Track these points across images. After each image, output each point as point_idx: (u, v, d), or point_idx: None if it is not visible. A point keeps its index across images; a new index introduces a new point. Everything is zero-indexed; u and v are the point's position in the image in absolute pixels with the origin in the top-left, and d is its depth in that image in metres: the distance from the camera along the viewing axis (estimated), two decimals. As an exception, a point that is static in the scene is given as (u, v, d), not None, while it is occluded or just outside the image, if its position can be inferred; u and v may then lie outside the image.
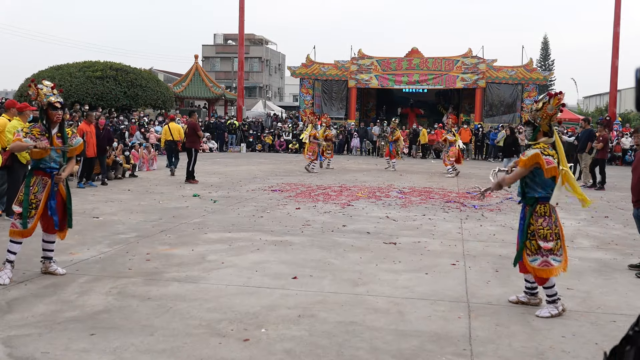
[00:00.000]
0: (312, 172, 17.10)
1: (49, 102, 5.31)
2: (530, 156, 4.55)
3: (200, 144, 14.46)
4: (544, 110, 4.61)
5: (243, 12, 32.91)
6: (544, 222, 4.58)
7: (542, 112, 4.61)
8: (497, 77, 30.41)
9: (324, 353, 3.77)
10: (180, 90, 34.49)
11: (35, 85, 5.36)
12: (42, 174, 5.32)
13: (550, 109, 4.59)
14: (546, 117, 4.61)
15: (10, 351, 3.69)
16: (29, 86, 5.45)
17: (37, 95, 5.32)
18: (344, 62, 31.87)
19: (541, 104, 4.64)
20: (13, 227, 5.25)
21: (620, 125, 29.88)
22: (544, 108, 4.61)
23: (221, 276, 5.54)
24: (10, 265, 5.22)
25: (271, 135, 29.61)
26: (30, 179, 5.29)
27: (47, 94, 5.34)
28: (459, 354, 3.82)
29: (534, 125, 4.67)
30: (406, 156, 25.81)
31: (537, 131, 4.66)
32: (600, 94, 58.12)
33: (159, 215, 8.97)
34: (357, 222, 8.68)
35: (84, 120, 13.14)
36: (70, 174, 6.24)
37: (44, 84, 5.41)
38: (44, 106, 5.32)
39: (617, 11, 29.70)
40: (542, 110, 4.61)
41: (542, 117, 4.62)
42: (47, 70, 28.13)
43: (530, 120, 4.70)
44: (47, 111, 5.33)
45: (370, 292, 5.15)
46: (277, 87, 66.08)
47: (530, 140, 4.71)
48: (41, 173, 5.32)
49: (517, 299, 4.88)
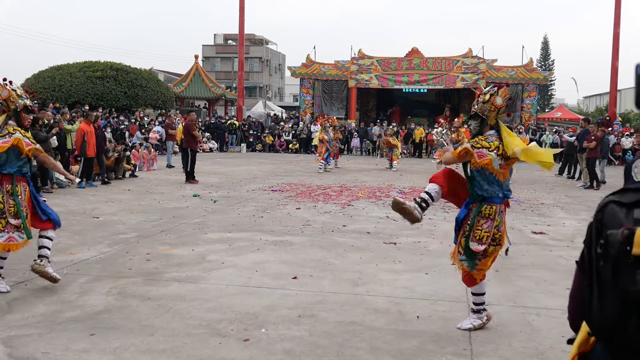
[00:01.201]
0: (326, 170, 17.50)
1: (24, 104, 5.14)
2: (459, 151, 4.21)
3: (197, 144, 14.40)
4: (492, 102, 4.26)
5: (243, 12, 32.91)
6: (484, 224, 4.18)
7: (489, 104, 4.26)
8: (497, 77, 30.37)
9: (324, 353, 3.77)
10: (181, 90, 34.49)
11: (7, 86, 5.15)
12: (22, 180, 5.07)
13: (498, 101, 4.27)
14: (494, 110, 4.26)
15: (10, 351, 3.69)
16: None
17: (9, 95, 5.11)
18: (344, 62, 31.86)
19: (489, 95, 4.29)
20: (12, 241, 4.97)
21: (620, 125, 29.85)
22: (491, 100, 4.26)
23: (221, 276, 5.54)
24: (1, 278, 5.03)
25: (271, 135, 29.61)
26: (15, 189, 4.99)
27: (21, 95, 5.18)
28: (459, 354, 3.83)
29: (481, 119, 4.30)
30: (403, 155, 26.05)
31: (484, 124, 4.29)
32: (600, 94, 58.12)
33: (159, 215, 8.97)
34: (357, 222, 8.68)
35: (84, 120, 13.14)
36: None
37: (16, 85, 5.25)
38: (18, 108, 5.12)
39: (617, 11, 29.69)
40: (490, 102, 4.26)
41: (490, 110, 4.26)
42: (47, 70, 28.10)
43: (478, 113, 4.31)
44: (20, 113, 5.13)
45: (371, 292, 5.15)
46: (277, 87, 66.07)
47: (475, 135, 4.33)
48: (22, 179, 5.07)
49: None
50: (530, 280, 5.63)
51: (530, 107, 30.86)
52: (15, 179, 5.00)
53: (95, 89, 26.52)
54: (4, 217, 4.95)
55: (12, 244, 4.97)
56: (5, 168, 5.00)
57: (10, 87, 5.20)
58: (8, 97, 5.13)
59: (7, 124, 5.08)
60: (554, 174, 18.15)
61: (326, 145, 17.65)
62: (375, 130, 27.92)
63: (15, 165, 5.02)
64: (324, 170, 17.47)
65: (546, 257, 6.64)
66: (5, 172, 4.99)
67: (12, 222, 4.95)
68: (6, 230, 4.95)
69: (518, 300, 5.03)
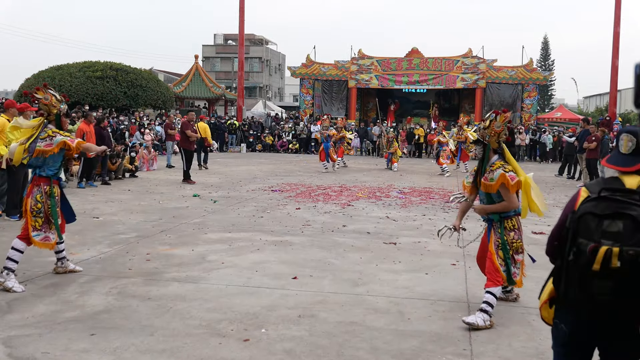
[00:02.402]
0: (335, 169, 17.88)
1: (66, 109, 5.37)
2: (497, 180, 4.49)
3: (192, 144, 14.35)
4: (491, 128, 4.58)
5: (243, 12, 32.90)
6: (514, 236, 4.57)
7: (489, 130, 4.58)
8: (497, 77, 30.42)
9: (324, 353, 3.77)
10: (181, 90, 34.49)
11: (46, 90, 5.31)
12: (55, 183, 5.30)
13: (497, 126, 4.58)
14: (494, 135, 4.58)
15: (10, 351, 3.69)
16: (37, 89, 5.32)
17: (51, 100, 5.27)
18: (344, 62, 31.86)
19: (488, 121, 4.62)
20: (47, 241, 5.17)
21: (620, 125, 29.85)
22: (491, 125, 4.58)
23: (221, 276, 5.54)
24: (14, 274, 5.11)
25: (271, 135, 29.60)
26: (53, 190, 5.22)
27: (61, 101, 5.37)
28: (459, 354, 3.83)
29: (483, 144, 4.64)
30: (404, 155, 26.14)
31: (488, 149, 4.62)
32: (600, 94, 58.13)
33: (159, 215, 8.97)
34: (357, 222, 8.68)
35: (83, 120, 13.14)
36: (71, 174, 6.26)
37: (54, 90, 5.43)
38: (61, 112, 5.34)
39: (617, 11, 29.68)
40: (490, 128, 4.58)
41: (491, 135, 4.58)
42: (47, 70, 28.11)
43: (479, 139, 4.67)
44: (61, 118, 5.36)
45: (370, 292, 5.15)
46: (277, 87, 66.07)
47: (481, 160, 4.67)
48: (56, 182, 5.31)
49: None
50: (530, 280, 5.61)
51: (530, 107, 30.87)
52: (52, 182, 5.23)
53: (95, 89, 26.52)
54: (41, 217, 5.15)
55: (47, 243, 5.19)
56: (45, 170, 5.21)
57: (51, 91, 5.34)
58: (50, 102, 5.28)
59: (47, 127, 5.24)
60: (554, 174, 18.17)
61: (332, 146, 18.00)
62: (375, 130, 27.92)
63: (53, 168, 5.24)
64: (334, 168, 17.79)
65: (546, 257, 6.61)
66: (45, 174, 5.21)
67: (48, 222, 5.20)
68: (43, 229, 5.16)
69: (518, 300, 5.04)
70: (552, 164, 24.73)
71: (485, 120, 4.69)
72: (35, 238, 5.13)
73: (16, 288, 4.91)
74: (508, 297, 4.99)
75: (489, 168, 4.55)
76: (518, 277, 4.59)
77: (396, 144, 19.65)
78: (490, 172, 4.53)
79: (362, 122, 30.94)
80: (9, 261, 5.02)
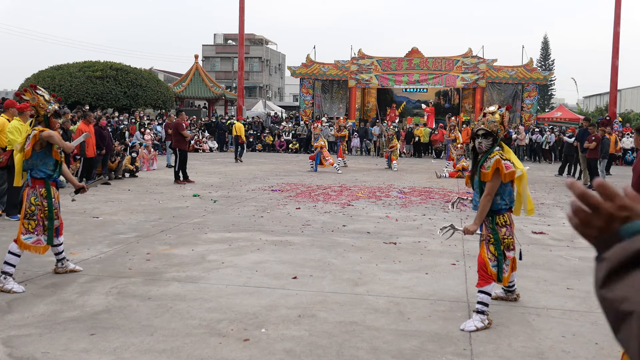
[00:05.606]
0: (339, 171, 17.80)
1: (54, 109, 5.28)
2: (492, 165, 4.48)
3: (186, 144, 14.31)
4: (503, 122, 4.61)
5: (243, 12, 32.89)
6: (506, 232, 4.55)
7: (499, 124, 4.61)
8: (497, 77, 30.40)
9: (324, 353, 3.77)
10: (181, 90, 34.49)
11: (34, 91, 5.24)
12: (53, 185, 5.29)
13: (506, 120, 4.66)
14: (503, 130, 4.64)
15: (10, 351, 3.69)
16: (25, 90, 5.29)
17: (38, 102, 5.21)
18: (344, 62, 31.84)
19: (498, 114, 4.63)
20: (39, 244, 5.13)
21: (620, 125, 29.85)
22: (503, 119, 4.61)
23: (221, 276, 5.54)
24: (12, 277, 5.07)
25: (271, 135, 29.59)
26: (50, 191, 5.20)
27: (49, 101, 5.28)
28: (459, 354, 3.82)
29: (493, 137, 4.61)
30: (404, 155, 26.16)
31: (497, 142, 4.62)
32: (600, 94, 58.09)
33: (159, 215, 8.97)
34: (357, 222, 8.68)
35: (83, 120, 13.15)
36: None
37: (42, 90, 5.34)
38: (49, 113, 5.24)
39: (617, 11, 29.67)
40: (502, 121, 4.61)
41: (501, 129, 4.62)
42: (47, 70, 28.10)
43: (489, 132, 4.61)
44: (50, 118, 5.27)
45: (370, 292, 5.15)
46: (277, 87, 66.05)
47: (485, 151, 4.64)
48: (53, 184, 5.29)
49: (495, 294, 4.87)
50: (530, 280, 5.63)
51: (530, 107, 30.85)
52: (48, 183, 5.19)
53: (95, 89, 26.52)
54: (34, 219, 5.11)
55: (38, 246, 5.15)
56: (37, 172, 5.17)
57: (39, 92, 5.26)
58: (37, 103, 5.22)
59: (35, 128, 5.19)
60: (554, 174, 18.16)
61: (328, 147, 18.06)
62: (375, 130, 27.91)
63: (45, 169, 5.17)
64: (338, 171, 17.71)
65: (546, 257, 6.64)
66: (38, 176, 5.17)
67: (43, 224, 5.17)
68: (36, 232, 5.13)
69: (518, 300, 5.03)
70: (552, 164, 24.72)
71: (494, 113, 4.67)
72: (26, 241, 5.06)
73: (16, 288, 4.90)
74: (508, 297, 4.98)
75: (488, 157, 4.56)
76: (506, 274, 4.56)
77: (396, 141, 19.56)
78: (488, 159, 4.55)
79: (362, 122, 30.94)
80: (6, 265, 4.99)
